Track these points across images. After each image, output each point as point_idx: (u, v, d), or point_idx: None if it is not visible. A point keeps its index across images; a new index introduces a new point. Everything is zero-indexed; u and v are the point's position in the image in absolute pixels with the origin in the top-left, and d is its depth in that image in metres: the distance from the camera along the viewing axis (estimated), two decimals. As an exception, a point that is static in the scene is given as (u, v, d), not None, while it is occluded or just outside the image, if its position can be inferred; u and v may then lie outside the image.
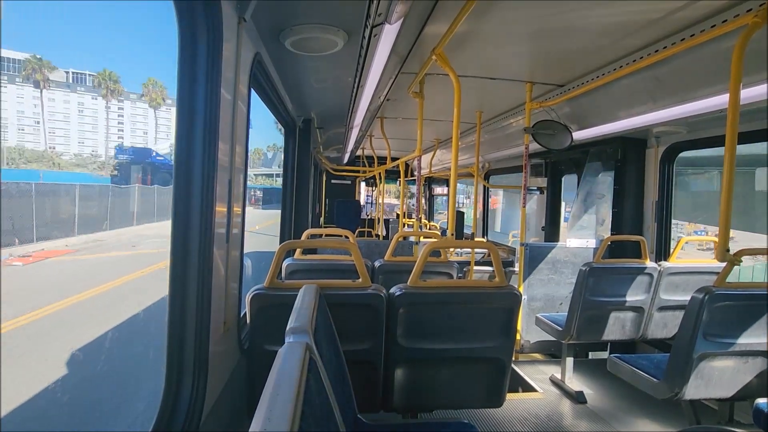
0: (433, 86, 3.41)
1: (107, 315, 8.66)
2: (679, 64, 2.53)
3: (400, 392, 2.13)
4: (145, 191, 24.19)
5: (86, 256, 14.58)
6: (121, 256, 15.86)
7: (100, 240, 16.97)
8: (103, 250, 15.80)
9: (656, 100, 2.88)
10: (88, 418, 5.18)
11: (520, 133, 3.96)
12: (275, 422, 0.69)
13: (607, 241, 3.40)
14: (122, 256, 15.92)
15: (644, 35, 2.43)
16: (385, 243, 4.40)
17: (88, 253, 14.97)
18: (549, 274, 4.11)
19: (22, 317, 8.18)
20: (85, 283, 10.99)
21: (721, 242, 1.94)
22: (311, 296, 1.57)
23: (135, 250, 16.61)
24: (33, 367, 6.56)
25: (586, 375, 3.66)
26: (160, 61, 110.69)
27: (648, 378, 2.50)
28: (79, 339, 7.52)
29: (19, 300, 9.11)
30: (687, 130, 3.57)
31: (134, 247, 17.03)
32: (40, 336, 7.66)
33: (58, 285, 10.70)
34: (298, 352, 0.98)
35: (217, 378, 1.71)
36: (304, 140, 4.30)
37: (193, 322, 1.49)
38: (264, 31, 2.26)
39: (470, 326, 2.11)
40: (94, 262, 14.37)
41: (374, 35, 1.96)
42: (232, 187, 1.78)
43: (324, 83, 3.30)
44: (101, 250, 15.86)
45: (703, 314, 2.20)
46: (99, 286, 10.74)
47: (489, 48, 2.79)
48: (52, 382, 5.93)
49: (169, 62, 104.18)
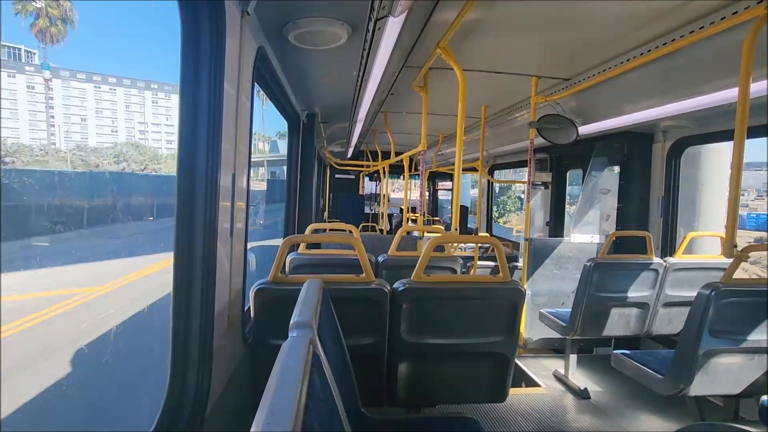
0: (438, 80, 3.38)
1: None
2: (689, 57, 2.49)
3: (404, 387, 2.13)
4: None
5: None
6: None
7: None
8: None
9: (664, 93, 2.84)
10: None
11: (524, 128, 3.93)
12: (279, 416, 0.69)
13: (612, 236, 3.38)
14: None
15: (653, 27, 2.39)
16: (388, 238, 4.40)
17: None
18: (553, 270, 4.09)
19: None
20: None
21: (728, 238, 1.92)
22: (315, 291, 1.57)
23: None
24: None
25: (590, 371, 3.66)
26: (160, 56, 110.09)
27: (653, 374, 2.50)
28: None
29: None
30: (695, 124, 3.52)
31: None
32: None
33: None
34: (302, 347, 0.98)
35: (222, 372, 1.71)
36: (308, 135, 4.29)
37: (198, 316, 1.50)
38: (267, 24, 2.25)
39: (474, 321, 2.10)
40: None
41: (378, 28, 1.94)
42: (235, 181, 1.77)
43: (328, 78, 3.28)
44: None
45: (709, 311, 2.18)
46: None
47: (494, 41, 2.76)
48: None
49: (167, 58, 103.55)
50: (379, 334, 2.03)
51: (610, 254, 3.33)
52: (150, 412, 1.46)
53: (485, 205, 7.69)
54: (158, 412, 1.40)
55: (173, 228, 1.47)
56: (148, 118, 54.72)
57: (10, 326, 6.20)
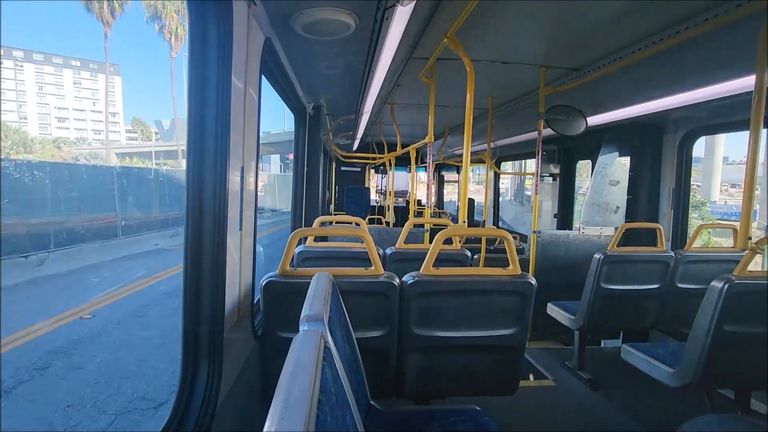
0: (445, 71, 3.34)
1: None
2: (702, 46, 2.44)
3: (413, 379, 2.14)
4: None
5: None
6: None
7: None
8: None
9: (676, 83, 2.79)
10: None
11: (532, 119, 3.89)
12: (292, 411, 0.70)
13: (622, 228, 3.34)
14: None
15: (665, 16, 2.34)
16: (395, 230, 4.38)
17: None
18: (561, 262, 4.07)
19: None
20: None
21: (742, 230, 1.89)
22: (324, 284, 1.57)
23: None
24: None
25: (599, 363, 3.65)
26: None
27: (662, 367, 2.48)
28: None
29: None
30: (707, 114, 3.46)
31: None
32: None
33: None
34: (313, 340, 0.98)
35: (232, 364, 1.73)
36: (314, 127, 4.27)
37: (208, 309, 1.51)
38: (274, 15, 2.23)
39: (483, 314, 2.10)
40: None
41: (386, 18, 1.92)
42: (244, 173, 1.77)
43: (335, 69, 3.26)
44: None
45: (721, 303, 2.16)
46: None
47: (502, 31, 2.72)
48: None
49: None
50: (389, 326, 2.03)
51: (619, 246, 3.29)
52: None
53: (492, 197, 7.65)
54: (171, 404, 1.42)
55: (183, 221, 1.48)
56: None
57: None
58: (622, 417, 2.86)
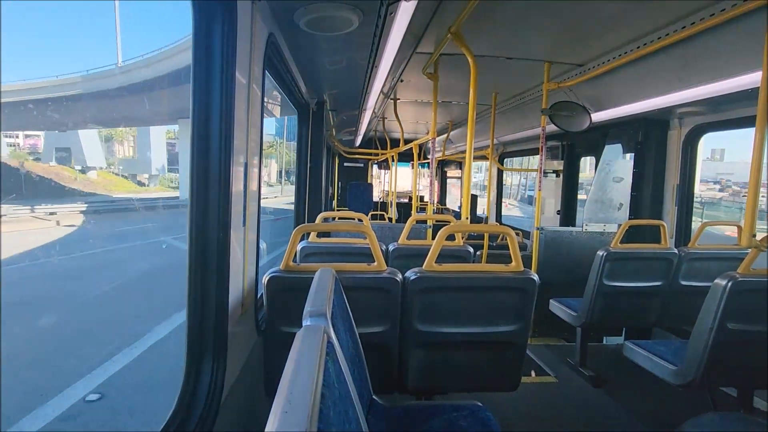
0: (448, 67, 3.33)
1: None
2: (708, 41, 2.42)
3: (415, 375, 2.15)
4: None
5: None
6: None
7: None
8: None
9: (682, 79, 2.77)
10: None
11: (536, 115, 3.87)
12: (296, 405, 0.70)
13: (625, 225, 3.33)
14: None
15: (671, 11, 2.32)
16: (398, 226, 4.39)
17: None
18: (564, 259, 4.06)
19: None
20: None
21: (747, 227, 1.88)
22: (327, 279, 1.57)
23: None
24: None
25: (601, 360, 3.65)
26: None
27: (665, 364, 2.48)
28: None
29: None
30: (712, 110, 3.44)
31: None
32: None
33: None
34: (317, 336, 0.98)
35: (236, 358, 1.74)
36: (317, 123, 4.27)
37: (212, 304, 1.51)
38: (278, 10, 2.22)
39: (486, 310, 2.10)
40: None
41: (390, 13, 1.91)
42: (248, 169, 1.77)
43: (338, 64, 3.25)
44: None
45: (725, 301, 2.15)
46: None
47: (506, 26, 2.70)
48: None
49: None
50: (391, 322, 2.04)
51: (622, 243, 3.29)
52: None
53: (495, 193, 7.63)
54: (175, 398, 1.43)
55: (187, 216, 1.48)
56: None
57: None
58: (623, 414, 2.87)
